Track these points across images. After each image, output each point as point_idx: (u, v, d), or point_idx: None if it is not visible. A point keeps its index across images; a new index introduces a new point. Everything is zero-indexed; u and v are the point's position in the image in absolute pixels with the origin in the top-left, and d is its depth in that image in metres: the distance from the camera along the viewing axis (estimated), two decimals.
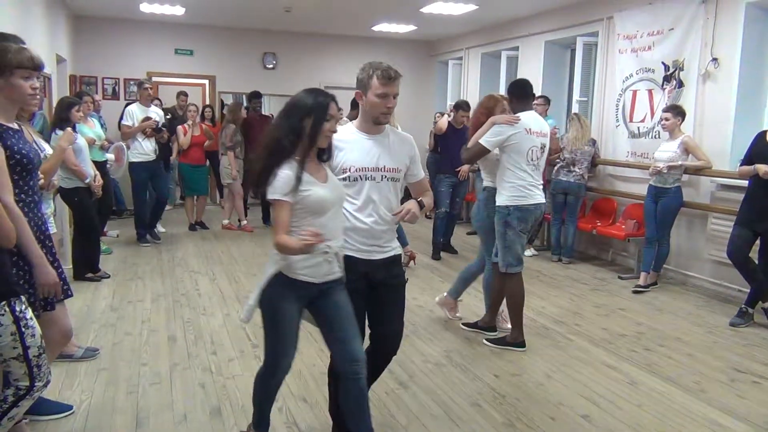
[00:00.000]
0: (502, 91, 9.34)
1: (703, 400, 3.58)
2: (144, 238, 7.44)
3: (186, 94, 9.32)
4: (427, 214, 9.79)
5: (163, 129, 7.37)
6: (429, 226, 7.71)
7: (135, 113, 7.13)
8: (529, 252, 7.36)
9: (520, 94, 4.34)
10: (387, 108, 2.70)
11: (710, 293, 5.82)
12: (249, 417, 3.21)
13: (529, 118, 4.21)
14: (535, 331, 4.69)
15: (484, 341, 4.44)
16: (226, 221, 8.50)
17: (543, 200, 4.28)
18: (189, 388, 3.56)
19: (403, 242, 6.12)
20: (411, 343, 4.38)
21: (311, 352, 4.16)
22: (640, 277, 6.04)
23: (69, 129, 4.62)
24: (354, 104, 7.06)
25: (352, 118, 6.78)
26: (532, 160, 4.15)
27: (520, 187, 4.14)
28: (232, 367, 3.89)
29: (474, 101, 6.28)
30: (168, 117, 8.00)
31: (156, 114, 7.33)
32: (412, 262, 6.38)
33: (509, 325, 4.46)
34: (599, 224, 6.98)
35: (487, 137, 4.13)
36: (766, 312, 4.90)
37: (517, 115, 4.17)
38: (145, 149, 7.15)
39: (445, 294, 4.94)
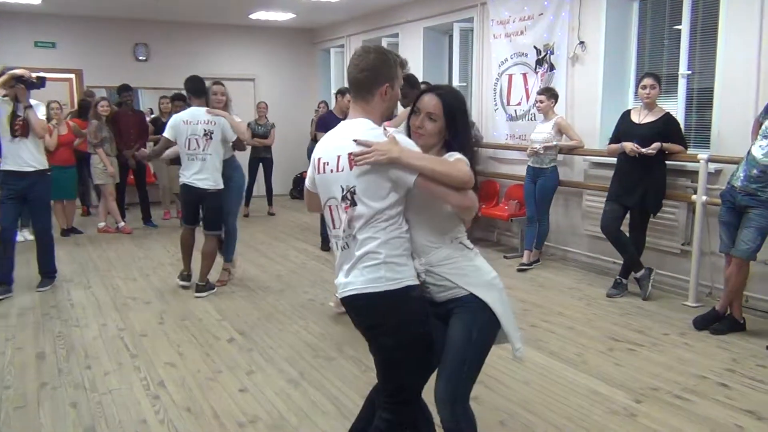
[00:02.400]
0: None
1: (584, 371, 3.72)
2: None
3: None
4: None
5: None
6: (317, 216, 7.59)
7: None
8: None
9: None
10: None
11: (588, 267, 6.11)
12: None
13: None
14: None
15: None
16: (101, 224, 7.99)
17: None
18: (59, 409, 3.27)
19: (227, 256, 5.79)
20: (301, 338, 4.28)
21: (195, 357, 3.96)
22: (524, 255, 6.23)
23: None
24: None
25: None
26: None
27: None
28: (108, 381, 3.62)
29: None
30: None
31: None
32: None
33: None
34: (483, 206, 7.15)
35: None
36: (638, 281, 5.18)
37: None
38: None
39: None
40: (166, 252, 7.01)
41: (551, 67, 6.51)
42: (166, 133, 5.34)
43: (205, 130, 5.18)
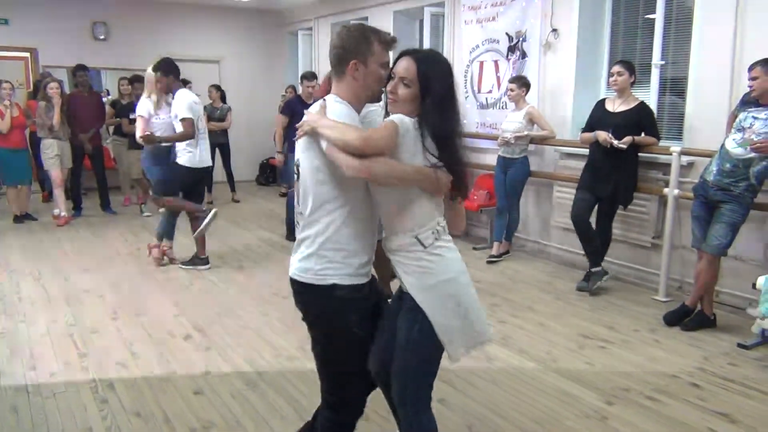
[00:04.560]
0: None
1: (554, 370, 3.61)
2: None
3: None
4: (281, 192, 9.47)
5: None
6: (283, 203, 7.40)
7: None
8: None
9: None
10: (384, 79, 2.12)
11: (558, 259, 6.02)
12: None
13: None
14: None
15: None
16: (56, 211, 7.65)
17: None
18: None
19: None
20: (262, 336, 4.10)
21: (148, 356, 3.76)
22: (493, 247, 6.12)
23: None
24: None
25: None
26: None
27: None
28: (53, 383, 3.40)
29: (325, 73, 6.01)
30: None
31: None
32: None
33: None
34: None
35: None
36: (590, 274, 5.06)
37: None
38: None
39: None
40: (124, 241, 6.74)
41: (523, 55, 6.37)
42: (190, 115, 5.29)
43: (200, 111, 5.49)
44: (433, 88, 2.01)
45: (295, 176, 2.15)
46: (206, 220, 5.41)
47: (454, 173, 2.03)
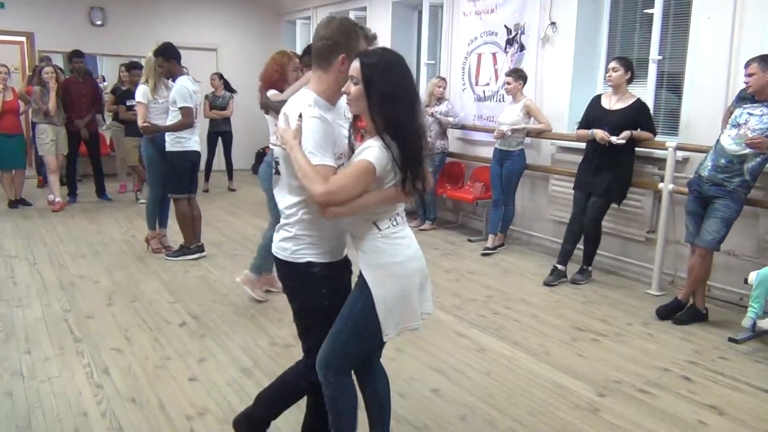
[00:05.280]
0: None
1: (547, 363, 3.64)
2: None
3: None
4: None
5: None
6: None
7: None
8: None
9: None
10: None
11: (553, 252, 6.03)
12: (65, 426, 2.82)
13: None
14: None
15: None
16: (51, 196, 7.63)
17: None
18: None
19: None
20: (257, 324, 4.11)
21: (143, 342, 3.77)
22: (488, 239, 6.14)
23: None
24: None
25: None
26: None
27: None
28: (48, 367, 3.41)
29: None
30: None
31: None
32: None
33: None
34: (449, 188, 7.03)
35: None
36: (578, 273, 5.15)
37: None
38: None
39: (246, 270, 4.63)
40: (119, 227, 6.73)
41: (521, 48, 6.37)
42: (190, 104, 5.26)
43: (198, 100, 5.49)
44: (376, 84, 2.04)
45: (274, 170, 2.28)
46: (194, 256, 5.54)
47: (406, 167, 2.08)
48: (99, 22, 9.90)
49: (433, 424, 2.94)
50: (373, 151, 2.05)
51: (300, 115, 2.10)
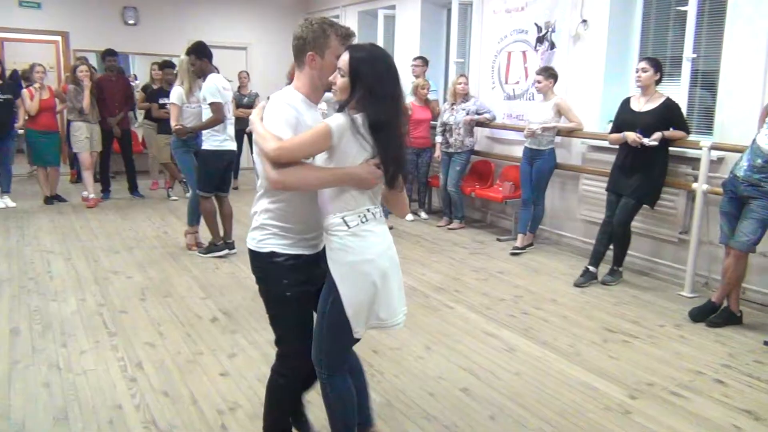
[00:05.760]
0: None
1: (578, 364, 3.61)
2: None
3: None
4: None
5: None
6: None
7: None
8: (409, 216, 7.33)
9: None
10: None
11: (583, 252, 5.98)
12: (100, 418, 2.88)
13: None
14: (415, 301, 4.58)
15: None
16: (85, 193, 7.77)
17: None
18: (31, 390, 3.13)
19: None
20: None
21: (176, 337, 3.83)
22: (517, 238, 6.10)
23: None
24: None
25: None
26: None
27: None
28: (84, 360, 3.48)
29: None
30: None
31: None
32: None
33: None
34: (478, 187, 7.00)
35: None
36: (608, 273, 5.10)
37: None
38: None
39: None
40: (151, 224, 6.84)
41: (552, 46, 6.31)
42: (219, 99, 5.26)
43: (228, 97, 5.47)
44: (362, 76, 2.09)
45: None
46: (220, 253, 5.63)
47: (387, 163, 2.12)
48: (132, 22, 10.05)
49: (462, 423, 2.93)
50: (336, 117, 2.09)
51: (268, 98, 2.24)
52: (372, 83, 2.09)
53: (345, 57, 2.13)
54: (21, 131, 7.52)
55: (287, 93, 2.26)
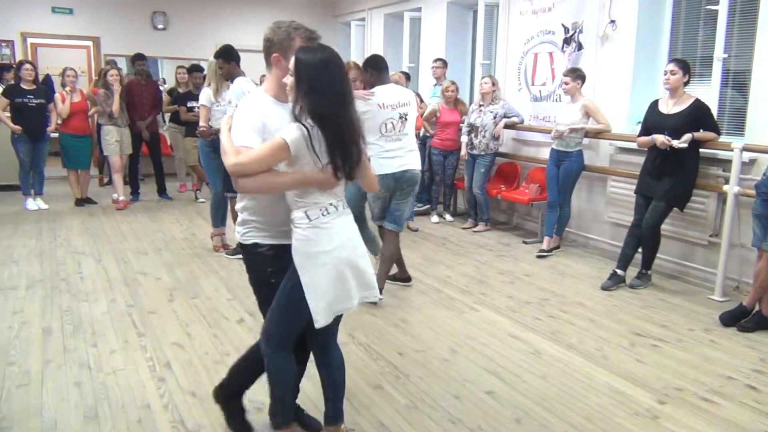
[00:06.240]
0: (405, 54, 9.15)
1: (605, 367, 3.57)
2: None
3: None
4: None
5: None
6: None
7: None
8: (434, 218, 7.33)
9: (375, 68, 4.51)
10: None
11: (610, 255, 5.91)
12: (129, 417, 2.92)
13: (384, 92, 4.39)
14: (440, 303, 4.58)
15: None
16: (115, 195, 7.91)
17: (393, 170, 4.44)
18: (62, 389, 3.19)
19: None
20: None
21: (203, 338, 3.87)
22: (543, 241, 6.06)
23: None
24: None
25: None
26: (385, 132, 4.36)
27: (372, 158, 4.62)
28: (113, 360, 3.54)
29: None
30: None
31: None
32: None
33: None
34: (503, 189, 6.96)
35: None
36: (636, 277, 5.03)
37: (372, 90, 4.38)
38: None
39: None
40: (179, 226, 6.92)
41: (579, 47, 6.26)
42: None
43: None
44: (303, 74, 2.23)
45: None
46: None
47: (334, 156, 2.23)
48: (161, 26, 10.21)
49: (487, 426, 2.92)
50: (290, 130, 2.21)
51: (236, 106, 2.40)
52: (313, 79, 2.22)
53: (293, 59, 2.27)
54: (54, 134, 7.67)
55: (256, 96, 2.44)
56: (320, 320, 2.35)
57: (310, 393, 3.10)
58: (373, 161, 4.53)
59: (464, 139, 6.86)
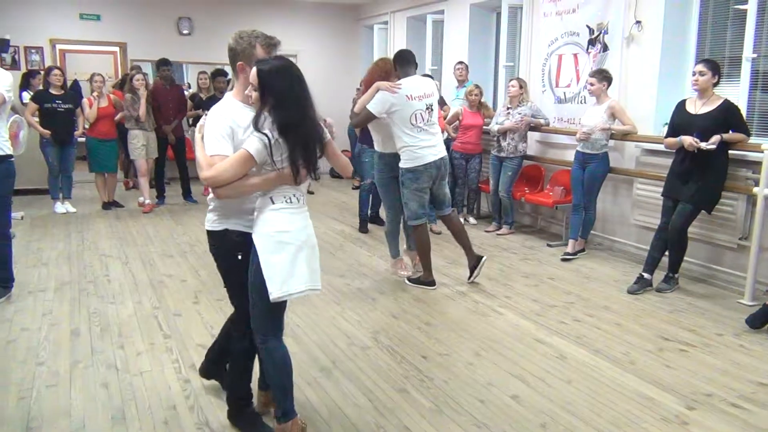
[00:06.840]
0: (428, 57, 9.14)
1: (632, 372, 3.52)
2: None
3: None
4: (354, 185, 9.57)
5: None
6: (355, 196, 7.48)
7: None
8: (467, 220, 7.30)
9: (402, 62, 4.73)
10: None
11: (636, 258, 5.84)
12: (156, 418, 2.95)
13: (410, 83, 4.60)
14: (464, 306, 4.56)
15: (406, 281, 5.07)
16: (141, 198, 8.01)
17: (435, 158, 4.70)
18: (90, 389, 3.24)
19: None
20: (336, 326, 4.17)
21: None
22: (568, 244, 6.00)
23: None
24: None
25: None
26: (416, 124, 4.56)
27: (408, 150, 4.65)
28: (140, 362, 3.58)
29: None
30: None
31: None
32: None
33: (404, 272, 5.19)
34: (527, 191, 6.91)
35: (373, 103, 4.58)
36: (663, 281, 4.97)
37: (398, 82, 4.57)
38: None
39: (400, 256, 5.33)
40: (203, 229, 6.95)
41: (604, 48, 6.20)
42: None
43: None
44: (268, 87, 2.39)
45: None
46: None
47: (295, 161, 2.41)
48: (186, 32, 10.32)
49: (512, 431, 2.89)
50: (252, 142, 2.38)
51: (205, 114, 2.58)
52: (277, 92, 2.38)
53: (253, 72, 2.41)
54: (81, 139, 7.79)
55: (224, 102, 2.61)
56: (274, 291, 2.44)
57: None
58: (414, 154, 4.69)
59: (495, 127, 6.72)
